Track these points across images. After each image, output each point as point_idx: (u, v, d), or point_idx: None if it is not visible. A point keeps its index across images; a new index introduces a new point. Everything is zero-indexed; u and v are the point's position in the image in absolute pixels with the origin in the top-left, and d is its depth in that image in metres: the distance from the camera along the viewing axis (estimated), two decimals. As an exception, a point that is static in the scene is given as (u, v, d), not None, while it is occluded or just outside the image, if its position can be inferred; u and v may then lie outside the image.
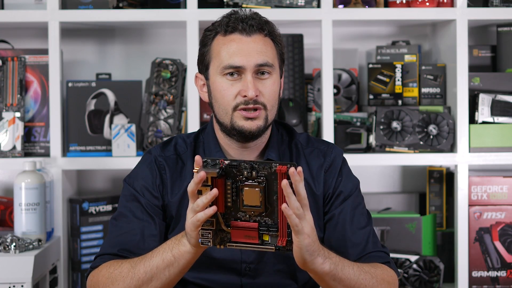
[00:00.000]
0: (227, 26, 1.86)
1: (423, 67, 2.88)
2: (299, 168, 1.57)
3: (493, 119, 2.78)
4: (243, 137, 1.87)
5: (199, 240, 1.64)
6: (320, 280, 1.72)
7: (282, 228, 1.61)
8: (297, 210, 1.58)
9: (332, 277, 1.71)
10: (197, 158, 1.60)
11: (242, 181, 1.59)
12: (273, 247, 1.63)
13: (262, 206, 1.60)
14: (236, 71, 1.84)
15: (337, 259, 1.72)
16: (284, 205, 1.57)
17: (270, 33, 1.88)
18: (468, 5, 2.79)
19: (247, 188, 1.59)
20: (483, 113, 2.78)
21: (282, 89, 1.97)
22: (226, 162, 1.59)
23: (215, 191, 1.58)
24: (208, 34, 1.89)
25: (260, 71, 1.85)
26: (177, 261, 1.71)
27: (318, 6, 2.78)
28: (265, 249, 1.63)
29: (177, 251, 1.70)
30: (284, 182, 1.56)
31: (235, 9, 1.92)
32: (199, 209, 1.60)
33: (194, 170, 1.60)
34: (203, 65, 1.91)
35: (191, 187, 1.61)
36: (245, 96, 1.83)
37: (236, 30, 1.85)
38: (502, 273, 2.79)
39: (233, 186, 1.60)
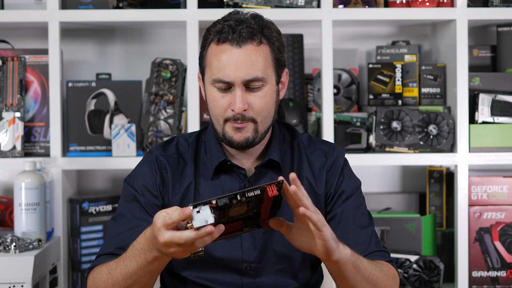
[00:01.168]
0: (220, 35, 1.83)
1: (423, 67, 2.88)
2: (292, 175, 1.61)
3: (493, 119, 2.78)
4: (233, 147, 1.88)
5: (191, 257, 1.63)
6: (340, 271, 1.73)
7: (264, 213, 1.64)
8: (312, 207, 1.61)
9: (352, 264, 1.72)
10: (187, 211, 1.54)
11: (229, 206, 1.59)
12: (255, 227, 1.66)
13: (247, 213, 1.62)
14: (225, 85, 1.84)
15: (350, 249, 1.74)
16: (302, 209, 1.60)
17: (267, 38, 1.85)
18: (468, 5, 2.79)
19: (234, 208, 1.60)
20: (483, 113, 2.78)
21: (284, 91, 1.96)
22: (214, 202, 1.56)
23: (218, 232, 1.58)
24: (207, 37, 1.88)
25: (249, 86, 1.84)
26: (153, 264, 1.70)
27: (318, 6, 2.78)
28: (249, 231, 1.66)
29: (150, 257, 1.68)
30: (293, 188, 1.59)
31: (236, 9, 1.90)
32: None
33: (188, 225, 1.55)
34: (201, 68, 1.92)
35: (191, 237, 1.55)
36: (233, 110, 1.84)
37: (227, 41, 1.83)
38: (502, 273, 2.79)
39: (221, 212, 1.59)
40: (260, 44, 1.84)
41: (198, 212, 1.55)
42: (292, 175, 1.60)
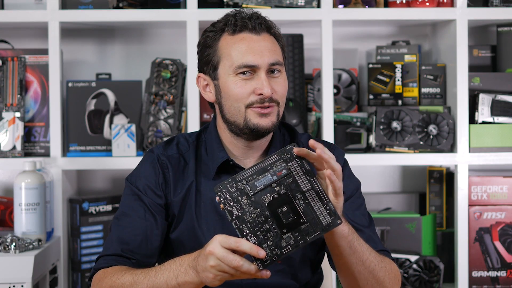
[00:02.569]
0: (235, 25, 1.85)
1: (423, 67, 2.88)
2: (311, 142, 1.64)
3: (493, 119, 2.78)
4: (256, 134, 1.87)
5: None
6: (335, 246, 1.73)
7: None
8: (338, 171, 1.62)
9: (348, 244, 1.72)
10: (261, 253, 1.56)
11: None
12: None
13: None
14: (249, 70, 1.84)
15: (350, 227, 1.74)
16: (328, 172, 1.60)
17: (274, 34, 1.89)
18: (468, 5, 2.79)
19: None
20: (483, 113, 2.78)
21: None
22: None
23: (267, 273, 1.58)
24: (212, 35, 1.88)
25: (271, 69, 1.85)
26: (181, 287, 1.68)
27: (318, 6, 2.78)
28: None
29: (182, 280, 1.66)
30: (318, 151, 1.60)
31: (236, 9, 1.91)
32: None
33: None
34: (210, 66, 1.89)
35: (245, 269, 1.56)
36: (260, 94, 1.83)
37: (246, 28, 1.85)
38: (502, 273, 2.79)
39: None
40: (272, 35, 1.88)
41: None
42: (311, 142, 1.62)
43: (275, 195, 1.59)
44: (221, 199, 1.58)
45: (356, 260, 1.75)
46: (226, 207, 1.58)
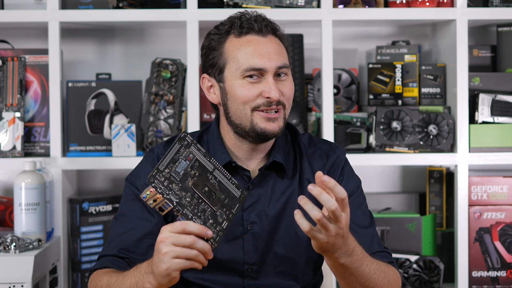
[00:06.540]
0: (241, 27, 1.84)
1: (423, 67, 2.88)
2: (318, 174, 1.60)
3: (493, 119, 2.78)
4: (262, 138, 1.86)
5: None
6: (331, 266, 1.74)
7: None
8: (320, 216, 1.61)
9: (343, 268, 1.72)
10: (209, 232, 1.58)
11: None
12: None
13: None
14: (257, 73, 1.83)
15: (357, 258, 1.71)
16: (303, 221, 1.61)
17: (279, 36, 1.89)
18: (468, 5, 2.79)
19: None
20: (483, 113, 2.78)
21: None
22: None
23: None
24: (217, 37, 1.86)
25: (279, 72, 1.85)
26: None
27: (318, 6, 2.78)
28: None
29: (142, 281, 1.67)
30: (302, 199, 1.60)
31: (241, 10, 1.90)
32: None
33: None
34: (215, 69, 1.87)
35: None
36: (268, 97, 1.82)
37: (252, 30, 1.84)
38: (502, 273, 2.79)
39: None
40: (277, 37, 1.88)
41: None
42: (318, 175, 1.60)
43: (195, 178, 1.64)
44: (158, 189, 1.59)
45: (362, 279, 1.75)
46: (164, 196, 1.59)
